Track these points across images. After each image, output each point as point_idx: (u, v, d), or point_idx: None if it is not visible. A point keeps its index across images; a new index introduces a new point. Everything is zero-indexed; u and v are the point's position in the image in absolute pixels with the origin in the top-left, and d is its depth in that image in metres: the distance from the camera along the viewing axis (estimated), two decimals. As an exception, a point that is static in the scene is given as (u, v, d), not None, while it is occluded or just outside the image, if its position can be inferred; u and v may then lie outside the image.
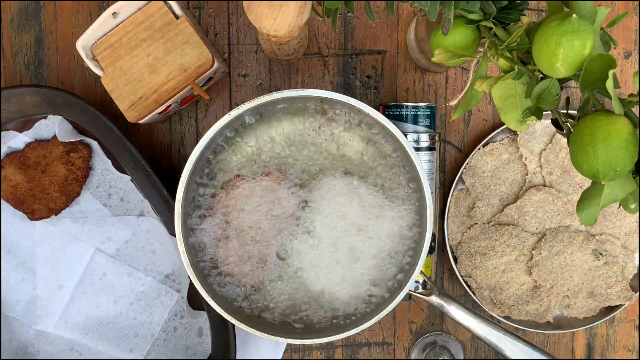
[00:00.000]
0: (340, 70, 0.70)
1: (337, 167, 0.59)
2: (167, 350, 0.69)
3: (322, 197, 0.59)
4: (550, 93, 0.45)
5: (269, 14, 0.47)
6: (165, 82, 0.59)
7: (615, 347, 0.74)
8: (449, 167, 0.72)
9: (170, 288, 0.68)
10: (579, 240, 0.69)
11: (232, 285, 0.60)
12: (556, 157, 0.69)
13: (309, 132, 0.59)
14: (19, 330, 0.69)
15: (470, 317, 0.60)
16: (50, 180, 0.66)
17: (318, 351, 0.72)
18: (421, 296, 0.61)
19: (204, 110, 0.70)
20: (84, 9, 0.69)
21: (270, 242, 0.60)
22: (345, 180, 0.59)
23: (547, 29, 0.40)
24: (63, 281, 0.68)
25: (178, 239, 0.56)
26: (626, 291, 0.70)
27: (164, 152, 0.70)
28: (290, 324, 0.60)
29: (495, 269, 0.70)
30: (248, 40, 0.69)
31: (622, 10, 0.70)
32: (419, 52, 0.66)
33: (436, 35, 0.50)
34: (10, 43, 0.69)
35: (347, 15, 0.69)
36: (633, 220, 0.70)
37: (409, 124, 0.65)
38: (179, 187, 0.56)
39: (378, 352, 0.73)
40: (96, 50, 0.60)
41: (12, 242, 0.68)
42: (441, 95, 0.71)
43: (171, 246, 0.67)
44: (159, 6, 0.60)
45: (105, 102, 0.69)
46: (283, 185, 0.59)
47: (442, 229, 0.70)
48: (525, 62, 0.46)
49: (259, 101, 0.55)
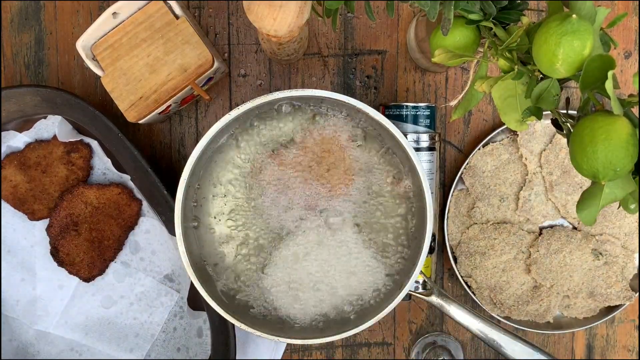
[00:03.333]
0: (340, 71, 0.70)
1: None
2: (167, 350, 0.69)
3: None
4: (550, 93, 0.45)
5: (269, 14, 0.47)
6: (165, 82, 0.59)
7: (615, 348, 0.74)
8: (449, 167, 0.72)
9: (170, 288, 0.68)
10: (577, 239, 0.69)
11: (234, 285, 0.60)
12: (556, 158, 0.69)
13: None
14: (19, 330, 0.68)
15: (470, 317, 0.60)
16: (51, 180, 0.66)
17: (318, 351, 0.72)
18: (421, 296, 0.61)
19: (204, 110, 0.70)
20: (84, 9, 0.69)
21: (274, 233, 0.60)
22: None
23: (547, 29, 0.40)
24: (63, 281, 0.68)
25: (178, 239, 0.56)
26: (626, 291, 0.70)
27: (164, 152, 0.70)
28: (291, 323, 0.60)
29: (495, 269, 0.70)
30: (248, 40, 0.69)
31: (622, 11, 0.70)
32: (419, 52, 0.66)
33: (436, 35, 0.50)
34: (10, 43, 0.69)
35: (347, 15, 0.69)
36: (633, 220, 0.70)
37: (409, 124, 0.65)
38: (179, 187, 0.56)
39: (378, 352, 0.73)
40: (96, 50, 0.60)
41: (12, 242, 0.68)
42: (441, 96, 0.71)
43: (171, 246, 0.67)
44: (159, 6, 0.60)
45: (105, 102, 0.69)
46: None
47: (442, 229, 0.70)
48: (525, 62, 0.46)
49: (259, 101, 0.55)
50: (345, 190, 0.60)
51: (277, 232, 0.60)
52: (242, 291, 0.61)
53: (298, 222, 0.60)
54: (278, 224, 0.60)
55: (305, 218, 0.60)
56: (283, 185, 0.60)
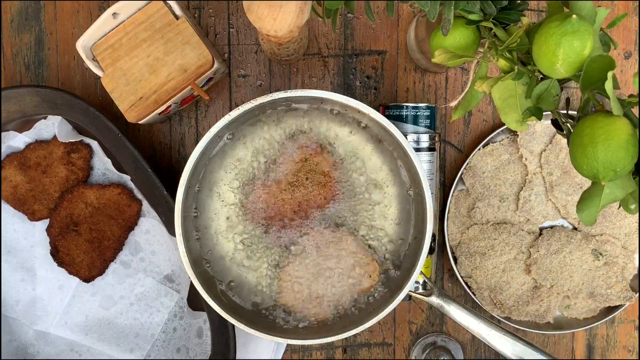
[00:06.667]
0: (340, 71, 0.70)
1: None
2: (167, 351, 0.69)
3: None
4: (550, 94, 0.45)
5: (269, 15, 0.47)
6: (165, 82, 0.59)
7: (615, 348, 0.74)
8: (449, 168, 0.72)
9: (170, 289, 0.68)
10: (577, 240, 0.69)
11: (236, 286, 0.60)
12: (556, 158, 0.69)
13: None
14: (19, 330, 0.68)
15: (470, 318, 0.60)
16: (51, 180, 0.66)
17: (318, 351, 0.72)
18: (421, 297, 0.61)
19: (204, 111, 0.70)
20: (84, 9, 0.69)
21: (278, 235, 0.60)
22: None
23: (547, 30, 0.40)
24: (63, 281, 0.68)
25: (178, 239, 0.56)
26: (626, 291, 0.70)
27: (164, 152, 0.70)
28: (291, 323, 0.60)
29: (495, 269, 0.70)
30: (248, 40, 0.69)
31: (622, 11, 0.70)
32: (419, 52, 0.66)
33: (436, 35, 0.50)
34: (10, 43, 0.69)
35: (347, 15, 0.69)
36: (633, 220, 0.70)
37: (409, 125, 0.65)
38: (179, 187, 0.56)
39: (378, 353, 0.73)
40: (96, 50, 0.60)
41: (12, 242, 0.68)
42: (441, 96, 0.71)
43: (171, 246, 0.67)
44: (159, 7, 0.60)
45: (105, 103, 0.69)
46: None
47: (442, 230, 0.70)
48: (525, 62, 0.46)
49: (259, 101, 0.55)
50: (341, 192, 0.60)
51: (277, 234, 0.60)
52: (242, 291, 0.61)
53: (297, 223, 0.60)
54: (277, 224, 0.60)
55: (304, 220, 0.60)
56: (277, 189, 0.60)
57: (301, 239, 0.60)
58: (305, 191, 0.60)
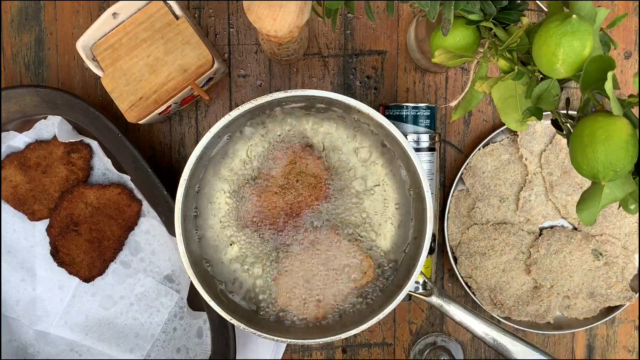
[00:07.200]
0: (340, 71, 0.70)
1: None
2: (167, 351, 0.69)
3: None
4: (550, 94, 0.45)
5: (269, 15, 0.47)
6: (165, 82, 0.59)
7: (615, 348, 0.74)
8: (449, 168, 0.72)
9: (170, 289, 0.68)
10: (577, 240, 0.69)
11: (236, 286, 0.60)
12: (556, 158, 0.69)
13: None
14: (19, 330, 0.68)
15: (470, 318, 0.60)
16: (51, 180, 0.66)
17: (318, 351, 0.72)
18: (421, 297, 0.61)
19: (204, 111, 0.70)
20: (84, 9, 0.69)
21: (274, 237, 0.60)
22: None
23: (547, 30, 0.40)
24: (63, 281, 0.68)
25: (178, 239, 0.56)
26: (626, 292, 0.70)
27: (164, 152, 0.70)
28: (291, 323, 0.60)
29: (495, 269, 0.70)
30: (248, 40, 0.69)
31: (622, 11, 0.70)
32: (419, 52, 0.66)
33: (436, 35, 0.50)
34: (10, 43, 0.69)
35: (347, 15, 0.69)
36: (633, 220, 0.70)
37: (409, 125, 0.65)
38: (179, 187, 0.56)
39: (378, 353, 0.73)
40: (96, 50, 0.60)
41: (12, 242, 0.68)
42: (441, 96, 0.71)
43: (171, 246, 0.67)
44: (159, 7, 0.60)
45: (105, 103, 0.69)
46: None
47: (442, 230, 0.70)
48: (525, 62, 0.46)
49: (259, 101, 0.55)
50: (337, 192, 0.60)
51: (276, 234, 0.60)
52: (241, 291, 0.61)
53: (296, 223, 0.60)
54: (276, 225, 0.60)
55: (302, 220, 0.60)
56: (276, 190, 0.60)
57: (299, 239, 0.60)
58: (306, 191, 0.60)
